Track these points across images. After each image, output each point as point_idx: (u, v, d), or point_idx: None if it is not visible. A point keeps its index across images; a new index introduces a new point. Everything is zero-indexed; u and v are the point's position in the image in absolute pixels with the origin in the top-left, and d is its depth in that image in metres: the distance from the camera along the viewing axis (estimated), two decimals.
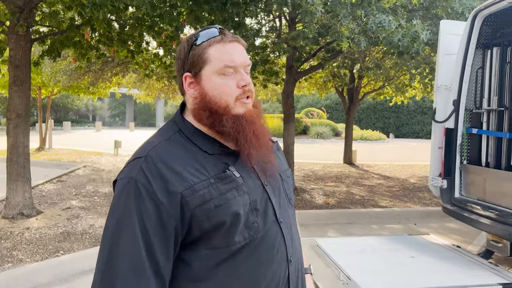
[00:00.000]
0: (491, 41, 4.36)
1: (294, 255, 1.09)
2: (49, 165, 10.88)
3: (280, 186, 1.12)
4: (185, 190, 0.94)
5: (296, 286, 1.09)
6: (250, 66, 1.08)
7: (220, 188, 0.98)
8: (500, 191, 3.95)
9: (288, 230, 1.08)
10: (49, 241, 4.49)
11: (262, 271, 1.00)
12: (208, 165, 1.00)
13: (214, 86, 1.02)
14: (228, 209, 0.97)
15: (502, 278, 3.22)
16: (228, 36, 1.04)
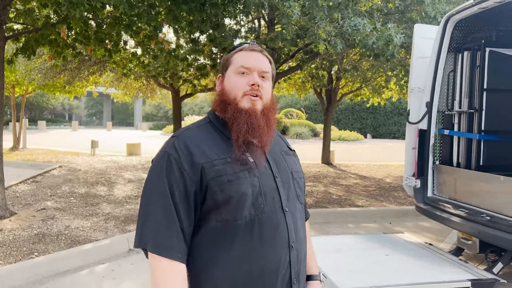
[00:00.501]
0: (462, 45, 4.51)
1: (296, 244, 1.22)
2: (23, 165, 10.62)
3: (290, 181, 1.27)
4: (206, 163, 1.15)
5: (297, 273, 1.22)
6: (269, 74, 1.28)
7: (234, 167, 1.16)
8: (470, 190, 4.10)
9: (293, 220, 1.22)
10: (23, 242, 4.41)
11: (266, 249, 1.15)
12: (228, 148, 1.20)
13: (230, 82, 1.25)
14: (238, 185, 1.14)
15: (471, 274, 3.35)
16: (252, 47, 1.29)
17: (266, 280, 1.16)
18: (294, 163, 1.34)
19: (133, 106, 50.19)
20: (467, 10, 4.03)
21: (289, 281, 1.20)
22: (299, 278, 1.24)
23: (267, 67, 1.28)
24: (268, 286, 1.17)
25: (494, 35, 4.34)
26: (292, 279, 1.21)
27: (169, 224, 1.11)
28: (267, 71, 1.28)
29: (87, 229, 5.00)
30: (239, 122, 1.19)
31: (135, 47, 7.66)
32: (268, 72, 1.28)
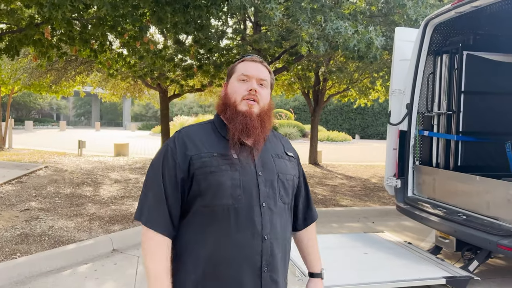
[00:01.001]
0: (441, 48, 4.62)
1: (270, 237, 1.35)
2: (8, 165, 10.52)
3: (274, 181, 1.40)
4: (194, 155, 1.35)
5: (269, 262, 1.35)
6: (266, 82, 1.45)
7: (218, 161, 1.34)
8: (448, 190, 4.20)
9: (270, 215, 1.36)
10: (6, 243, 4.40)
11: (239, 235, 1.31)
12: (219, 145, 1.38)
13: (232, 87, 1.43)
14: (218, 176, 1.32)
15: (446, 272, 3.45)
16: (253, 58, 1.46)
17: (238, 264, 1.31)
18: (285, 166, 1.45)
19: (122, 106, 49.89)
20: (445, 14, 4.14)
21: (260, 268, 1.33)
22: (272, 268, 1.35)
23: (266, 75, 1.45)
24: (240, 269, 1.32)
25: (472, 38, 4.46)
26: (263, 267, 1.33)
27: (159, 205, 1.34)
28: (265, 79, 1.44)
29: (71, 230, 5.00)
30: (236, 122, 1.36)
31: (121, 48, 7.66)
32: (266, 80, 1.45)
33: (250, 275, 1.32)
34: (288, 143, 1.59)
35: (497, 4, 3.83)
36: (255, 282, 1.33)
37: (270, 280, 1.35)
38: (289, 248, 1.48)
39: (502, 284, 3.81)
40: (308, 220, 1.62)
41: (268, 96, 1.46)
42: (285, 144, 1.56)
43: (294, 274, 3.36)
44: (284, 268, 1.45)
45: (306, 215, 1.61)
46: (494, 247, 3.31)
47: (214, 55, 7.04)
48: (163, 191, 1.34)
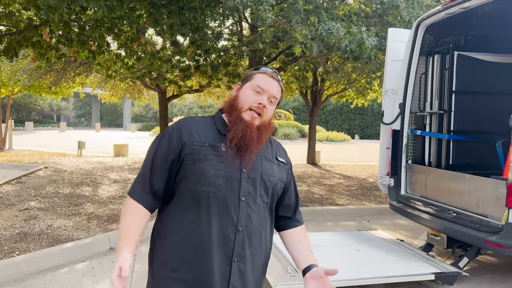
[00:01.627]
0: (433, 48, 4.69)
1: (245, 230, 1.44)
2: (8, 166, 10.60)
3: (257, 181, 1.49)
4: (187, 141, 1.46)
5: (240, 254, 1.43)
6: (276, 100, 1.55)
7: (207, 151, 1.44)
8: (439, 188, 4.27)
9: (248, 210, 1.45)
10: (5, 242, 4.47)
11: (215, 220, 1.41)
12: (212, 137, 1.48)
13: (244, 93, 1.52)
14: (203, 164, 1.42)
15: (435, 268, 3.51)
16: (273, 74, 1.55)
17: (211, 249, 1.41)
18: (270, 169, 1.54)
19: (122, 107, 49.98)
20: (436, 15, 4.21)
21: (231, 257, 1.42)
22: (242, 260, 1.44)
23: (278, 94, 1.55)
24: (212, 254, 1.41)
25: (462, 39, 4.53)
26: (234, 256, 1.42)
27: (143, 178, 1.50)
28: (277, 97, 1.54)
29: (69, 229, 5.07)
30: (237, 128, 1.46)
31: (119, 49, 7.74)
32: (277, 98, 1.55)
33: (220, 262, 1.41)
34: (282, 151, 1.67)
35: (487, 5, 3.90)
36: (224, 269, 1.42)
37: (238, 271, 1.43)
38: (266, 246, 1.53)
39: (492, 281, 3.88)
40: (297, 223, 1.67)
41: (272, 112, 1.56)
42: (278, 150, 1.64)
43: (287, 270, 3.43)
44: (259, 263, 1.50)
45: (291, 220, 1.67)
46: (483, 243, 3.38)
47: (211, 56, 7.11)
48: (150, 167, 1.48)
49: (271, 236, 1.58)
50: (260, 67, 1.58)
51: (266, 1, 3.41)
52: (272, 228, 1.60)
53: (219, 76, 8.22)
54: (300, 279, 3.27)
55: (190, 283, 1.42)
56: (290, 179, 1.65)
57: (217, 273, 1.41)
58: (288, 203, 1.66)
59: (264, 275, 1.58)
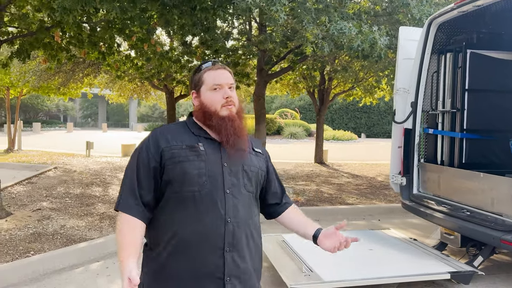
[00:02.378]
0: (445, 47, 4.66)
1: (233, 220, 1.48)
2: (18, 166, 10.69)
3: (239, 172, 1.54)
4: (165, 147, 1.51)
5: (231, 243, 1.48)
6: (234, 85, 1.60)
7: (186, 152, 1.50)
8: (452, 187, 4.25)
9: (234, 201, 1.50)
10: (19, 242, 4.51)
11: (203, 216, 1.46)
12: (188, 140, 1.54)
13: (207, 97, 1.56)
14: (185, 166, 1.48)
15: (451, 267, 3.50)
16: (217, 66, 1.59)
17: (202, 243, 1.46)
18: (250, 159, 1.61)
19: (128, 107, 50.17)
20: (448, 13, 4.19)
21: (222, 248, 1.47)
22: (234, 249, 1.49)
23: (232, 80, 1.60)
24: (204, 248, 1.46)
25: (475, 37, 4.50)
26: (225, 248, 1.47)
27: (131, 191, 1.51)
28: (232, 82, 1.60)
29: (82, 229, 5.11)
30: (226, 127, 1.52)
31: (128, 50, 7.77)
32: (233, 83, 1.60)
33: (213, 255, 1.46)
34: (257, 142, 1.74)
35: (500, 3, 3.87)
36: (218, 261, 1.46)
37: (232, 260, 1.48)
38: (257, 234, 1.61)
39: (506, 280, 3.86)
40: (287, 205, 1.77)
41: (237, 96, 1.62)
42: (254, 142, 1.70)
43: (301, 270, 3.43)
44: (253, 252, 1.56)
45: (282, 202, 1.76)
46: (498, 242, 3.36)
47: (220, 56, 7.12)
48: (135, 179, 1.51)
49: (259, 225, 1.64)
50: (200, 67, 1.62)
51: (279, 1, 3.41)
52: (259, 216, 1.66)
53: None
54: (316, 278, 3.28)
55: (185, 280, 1.47)
56: (270, 167, 1.73)
57: (211, 267, 1.46)
58: (274, 190, 1.74)
59: (260, 264, 1.64)
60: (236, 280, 1.49)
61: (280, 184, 1.77)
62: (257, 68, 7.75)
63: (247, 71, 8.25)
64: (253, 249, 1.57)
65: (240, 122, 1.56)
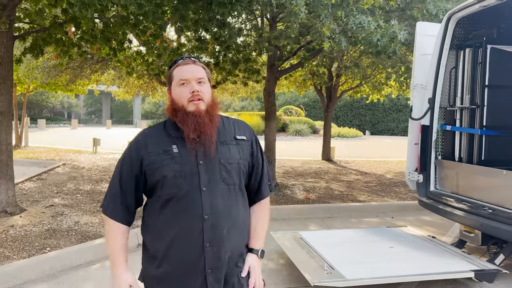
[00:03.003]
0: (464, 42, 4.60)
1: (211, 216, 1.53)
2: (27, 163, 10.69)
3: (215, 167, 1.56)
4: (145, 154, 1.58)
5: (210, 239, 1.53)
6: (204, 79, 1.60)
7: (162, 157, 1.55)
8: (472, 184, 4.20)
9: (210, 198, 1.53)
10: (35, 238, 4.50)
11: (181, 216, 1.53)
12: (165, 144, 1.58)
13: (176, 93, 1.60)
14: (161, 171, 1.54)
15: (474, 265, 3.46)
16: (186, 61, 1.61)
17: (184, 241, 1.53)
18: (227, 152, 1.61)
19: (132, 104, 50.18)
20: (469, 8, 4.12)
21: (202, 245, 1.53)
22: (215, 244, 1.54)
23: (202, 73, 1.61)
24: (186, 246, 1.53)
25: (495, 32, 4.44)
26: (205, 243, 1.53)
27: (115, 196, 1.61)
28: (202, 76, 1.60)
29: (96, 225, 5.09)
30: (188, 123, 1.54)
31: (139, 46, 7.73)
32: (203, 77, 1.60)
33: (194, 251, 1.53)
34: (242, 126, 1.72)
35: None
36: (199, 257, 1.53)
37: (213, 254, 1.54)
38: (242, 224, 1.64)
39: None
40: (257, 198, 1.75)
41: (210, 90, 1.62)
42: (238, 128, 1.69)
43: (323, 267, 3.40)
44: (235, 242, 1.60)
45: (256, 193, 1.75)
46: None
47: (231, 52, 7.08)
48: (118, 185, 1.60)
49: (245, 214, 1.66)
50: (172, 63, 1.66)
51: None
52: (246, 205, 1.68)
53: (236, 73, 8.18)
54: (338, 276, 3.24)
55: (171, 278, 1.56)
56: (256, 153, 1.71)
57: (192, 262, 1.53)
58: (254, 177, 1.73)
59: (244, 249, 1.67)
60: (217, 271, 1.55)
61: (262, 171, 1.75)
62: (268, 64, 7.70)
63: (257, 68, 8.19)
64: (239, 238, 1.63)
65: (207, 117, 1.56)
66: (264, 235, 1.75)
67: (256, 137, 1.75)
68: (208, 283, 1.55)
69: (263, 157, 1.76)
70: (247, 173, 1.68)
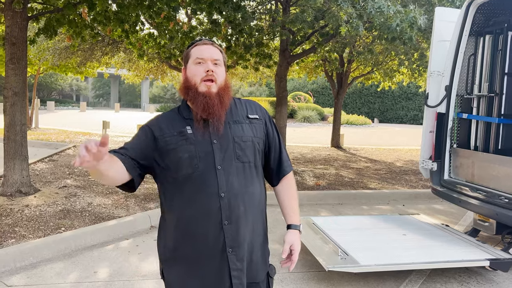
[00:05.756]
0: (484, 29, 4.51)
1: (227, 194, 1.53)
2: (38, 144, 10.78)
3: (229, 145, 1.57)
4: (159, 136, 1.59)
5: (228, 216, 1.53)
6: (220, 61, 1.60)
7: (177, 138, 1.56)
8: (488, 173, 4.16)
9: (225, 176, 1.54)
10: (50, 218, 4.55)
11: (198, 196, 1.53)
12: (179, 125, 1.60)
13: (190, 71, 1.60)
14: (177, 152, 1.54)
15: (489, 254, 3.44)
16: (204, 42, 1.62)
17: (201, 220, 1.54)
18: (241, 130, 1.62)
19: (140, 87, 50.19)
20: None
21: (221, 222, 1.53)
22: (233, 221, 1.54)
23: (218, 55, 1.61)
24: (203, 224, 1.54)
25: None
26: (223, 221, 1.53)
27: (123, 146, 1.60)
28: (218, 58, 1.60)
29: (109, 206, 5.13)
30: (197, 102, 1.55)
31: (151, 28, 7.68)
32: (219, 59, 1.60)
33: (213, 229, 1.53)
34: (254, 106, 1.72)
35: None
36: (219, 234, 1.53)
37: (232, 232, 1.54)
38: (259, 202, 1.64)
39: None
40: (280, 175, 1.75)
41: (224, 73, 1.63)
42: (250, 108, 1.70)
43: (336, 253, 3.40)
44: (252, 220, 1.60)
45: (279, 170, 1.75)
46: None
47: (244, 36, 7.01)
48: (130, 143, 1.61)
49: (262, 191, 1.66)
50: (191, 43, 1.66)
51: None
52: (261, 183, 1.67)
53: (247, 57, 8.12)
54: (351, 262, 3.25)
55: (190, 258, 1.56)
56: (270, 130, 1.72)
57: (212, 241, 1.53)
58: (272, 156, 1.73)
59: (263, 229, 1.67)
60: (238, 249, 1.55)
61: (280, 148, 1.75)
62: (280, 49, 7.62)
63: (269, 52, 8.11)
64: (256, 216, 1.62)
65: (217, 99, 1.56)
66: (298, 209, 1.75)
67: (269, 116, 1.75)
68: (230, 262, 1.54)
69: (279, 135, 1.77)
70: (262, 151, 1.68)
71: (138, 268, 3.60)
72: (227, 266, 1.54)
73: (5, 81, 4.96)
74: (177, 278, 1.61)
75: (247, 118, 1.66)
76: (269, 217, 1.85)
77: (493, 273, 3.59)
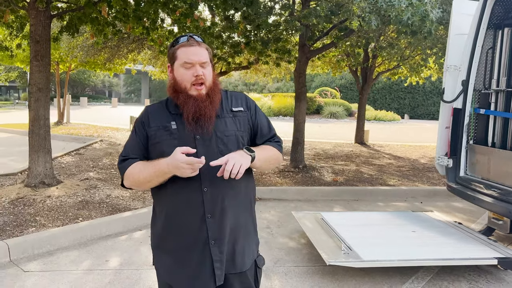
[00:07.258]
0: (503, 21, 4.36)
1: (210, 188, 1.57)
2: (67, 138, 11.20)
3: (212, 140, 1.60)
4: (148, 128, 1.65)
5: (211, 210, 1.58)
6: (207, 62, 1.61)
7: (162, 132, 1.61)
8: (505, 170, 4.04)
9: (208, 170, 1.54)
10: (69, 208, 4.75)
11: (182, 190, 1.58)
12: (165, 120, 1.64)
13: (179, 74, 1.61)
14: (161, 146, 1.60)
15: (498, 253, 3.36)
16: (191, 42, 1.60)
17: (185, 213, 1.60)
18: (223, 125, 1.64)
19: None
20: None
21: (204, 216, 1.58)
22: (216, 214, 1.59)
23: (206, 56, 1.62)
24: (187, 217, 1.60)
25: None
26: (206, 214, 1.58)
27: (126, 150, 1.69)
28: (206, 61, 1.61)
29: (126, 199, 5.30)
30: (189, 106, 1.58)
31: (172, 25, 7.82)
32: (206, 61, 1.62)
33: (196, 222, 1.59)
34: (239, 98, 1.74)
35: None
36: (201, 227, 1.59)
37: (215, 225, 1.59)
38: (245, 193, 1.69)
39: None
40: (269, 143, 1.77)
41: (211, 73, 1.65)
42: (235, 100, 1.73)
43: (340, 248, 3.41)
44: (236, 213, 1.65)
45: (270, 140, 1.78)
46: None
47: (262, 32, 7.03)
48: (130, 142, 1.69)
49: (248, 183, 1.70)
50: (177, 40, 1.65)
51: None
52: (248, 175, 1.70)
53: (268, 53, 8.13)
54: (354, 257, 3.25)
55: (176, 248, 1.62)
56: (255, 120, 1.74)
57: (195, 233, 1.59)
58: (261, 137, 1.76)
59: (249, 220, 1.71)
60: (221, 242, 1.60)
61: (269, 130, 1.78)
62: (299, 44, 7.59)
63: (288, 48, 8.10)
64: (236, 210, 1.65)
65: (207, 101, 1.60)
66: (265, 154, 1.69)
67: (255, 105, 1.76)
68: (212, 254, 1.59)
69: (269, 122, 1.80)
70: (247, 143, 1.70)
71: (148, 258, 3.72)
72: (209, 257, 1.60)
73: (29, 78, 5.19)
74: (164, 266, 1.68)
75: (231, 112, 1.69)
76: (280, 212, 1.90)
77: (504, 272, 3.50)
